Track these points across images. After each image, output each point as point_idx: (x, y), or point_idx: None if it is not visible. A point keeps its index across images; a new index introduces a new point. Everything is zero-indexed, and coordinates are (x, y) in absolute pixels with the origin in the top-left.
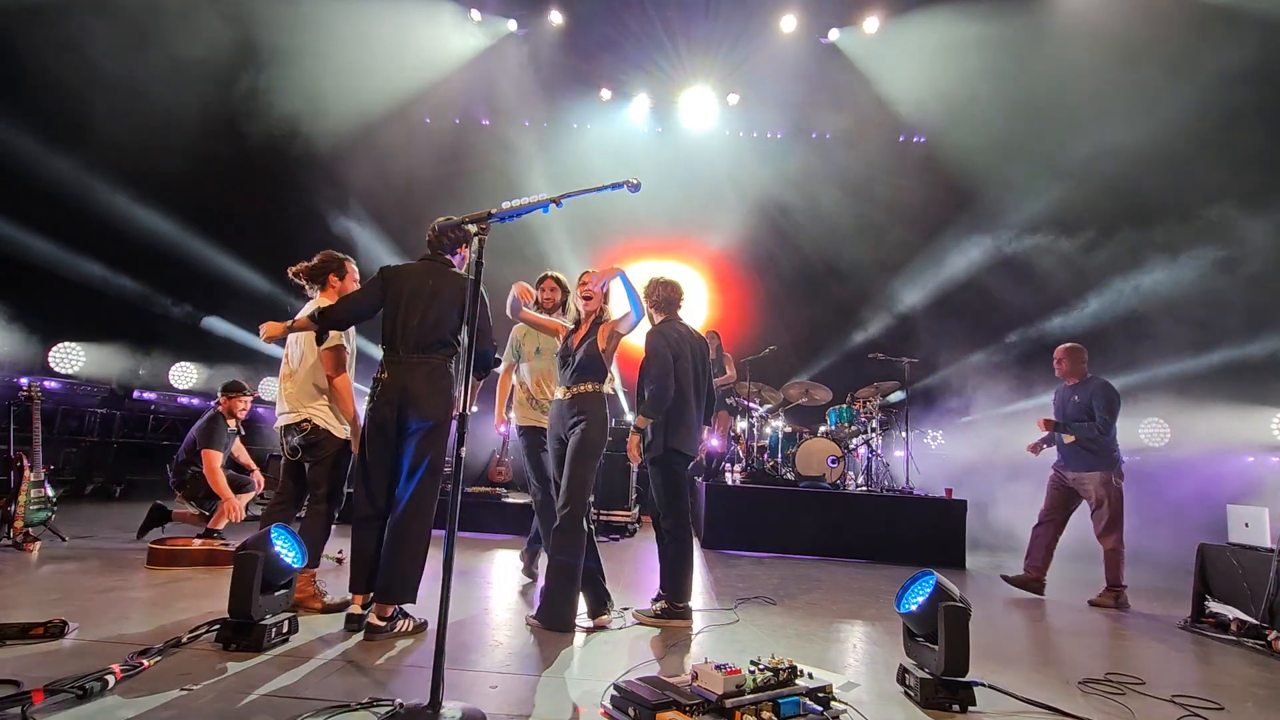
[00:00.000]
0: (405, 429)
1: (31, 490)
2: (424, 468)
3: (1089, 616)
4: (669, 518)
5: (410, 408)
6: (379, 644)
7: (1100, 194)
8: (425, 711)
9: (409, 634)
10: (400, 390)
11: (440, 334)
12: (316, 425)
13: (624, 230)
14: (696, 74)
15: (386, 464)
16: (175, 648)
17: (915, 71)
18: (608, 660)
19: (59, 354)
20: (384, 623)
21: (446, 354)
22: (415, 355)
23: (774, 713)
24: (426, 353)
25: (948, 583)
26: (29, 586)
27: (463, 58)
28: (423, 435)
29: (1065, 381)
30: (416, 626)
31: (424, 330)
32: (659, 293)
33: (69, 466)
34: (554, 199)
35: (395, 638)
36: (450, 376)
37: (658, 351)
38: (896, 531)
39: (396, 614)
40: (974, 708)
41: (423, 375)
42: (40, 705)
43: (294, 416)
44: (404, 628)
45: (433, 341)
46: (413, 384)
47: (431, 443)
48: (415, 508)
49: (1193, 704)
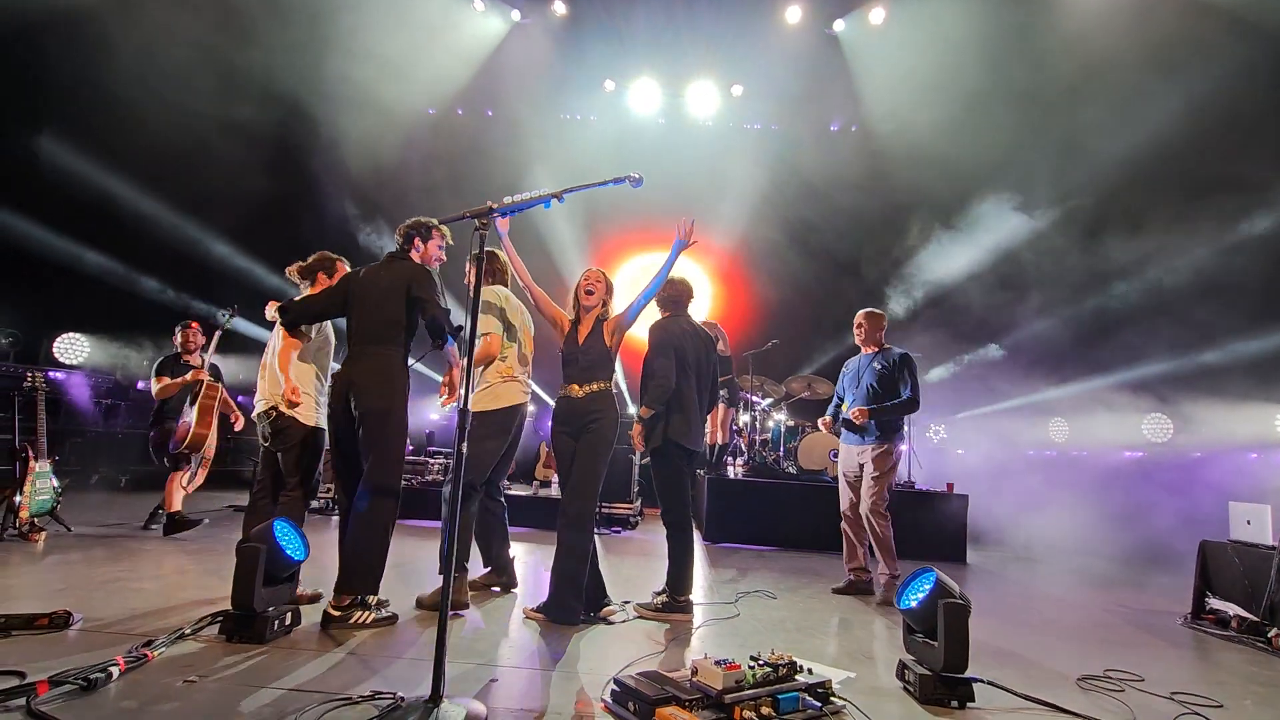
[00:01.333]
0: (353, 420)
1: (37, 480)
2: (372, 457)
3: (1088, 613)
4: (669, 511)
5: (355, 398)
6: (380, 637)
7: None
8: (426, 705)
9: (369, 626)
10: (347, 382)
11: (385, 323)
12: (282, 412)
13: (625, 223)
14: (700, 65)
15: (345, 454)
16: (179, 639)
17: (920, 61)
18: (608, 654)
19: (63, 344)
20: (339, 612)
21: (394, 345)
22: (363, 347)
23: (773, 708)
24: (374, 344)
25: (948, 579)
26: (34, 577)
27: (465, 47)
28: (367, 425)
29: (863, 349)
30: (380, 620)
31: (371, 322)
32: (666, 290)
33: (74, 457)
34: (555, 194)
35: (353, 629)
36: (399, 366)
37: (662, 345)
38: (897, 526)
39: (354, 604)
40: (973, 704)
41: (366, 366)
42: (45, 696)
43: (264, 405)
44: (362, 619)
45: (379, 333)
46: (357, 375)
47: (378, 432)
48: (366, 498)
49: (1192, 701)
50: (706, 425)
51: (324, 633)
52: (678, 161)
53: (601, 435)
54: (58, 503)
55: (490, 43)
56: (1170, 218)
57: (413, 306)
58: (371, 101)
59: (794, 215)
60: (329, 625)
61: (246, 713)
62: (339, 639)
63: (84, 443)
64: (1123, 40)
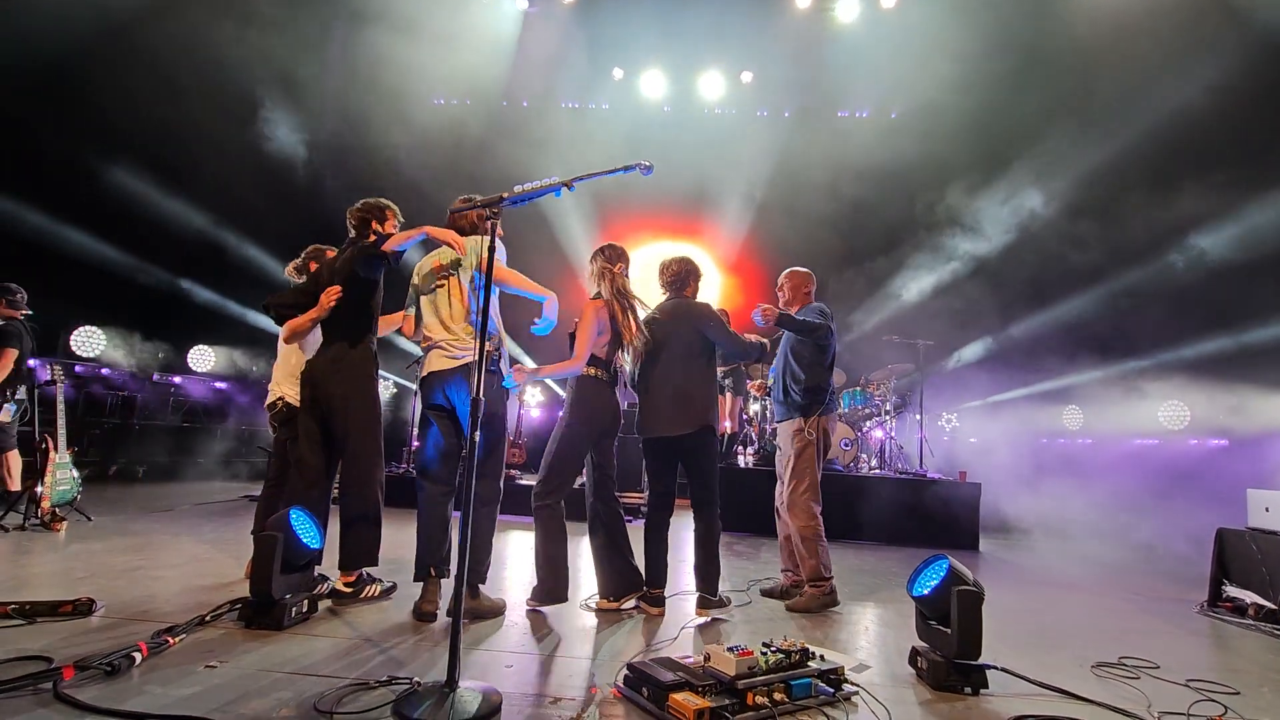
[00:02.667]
0: (320, 406)
1: (57, 471)
2: (349, 443)
3: (1103, 600)
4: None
5: (318, 386)
6: (399, 622)
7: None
8: (442, 690)
9: (378, 598)
10: (310, 370)
11: (341, 311)
12: (289, 403)
13: (635, 211)
14: (709, 52)
15: (316, 439)
16: (199, 625)
17: (932, 45)
18: (621, 641)
19: (80, 337)
20: (350, 589)
21: (355, 333)
22: (330, 334)
23: (786, 694)
24: (334, 331)
25: (961, 566)
26: (57, 565)
27: (473, 36)
28: (334, 412)
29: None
30: (385, 590)
31: (334, 311)
32: (671, 269)
33: (93, 448)
34: (566, 182)
35: (363, 602)
36: (362, 352)
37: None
38: (909, 514)
39: (362, 579)
40: (986, 691)
41: (328, 354)
42: (71, 680)
43: (271, 395)
44: (372, 592)
45: (338, 319)
46: (320, 364)
47: (345, 418)
48: (348, 482)
49: (1208, 688)
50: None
51: (341, 620)
52: (687, 149)
53: (562, 417)
54: (78, 493)
55: (499, 32)
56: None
57: (354, 286)
58: (379, 91)
59: (803, 203)
60: (341, 600)
61: (266, 697)
62: (356, 625)
63: (102, 435)
64: (1139, 16)
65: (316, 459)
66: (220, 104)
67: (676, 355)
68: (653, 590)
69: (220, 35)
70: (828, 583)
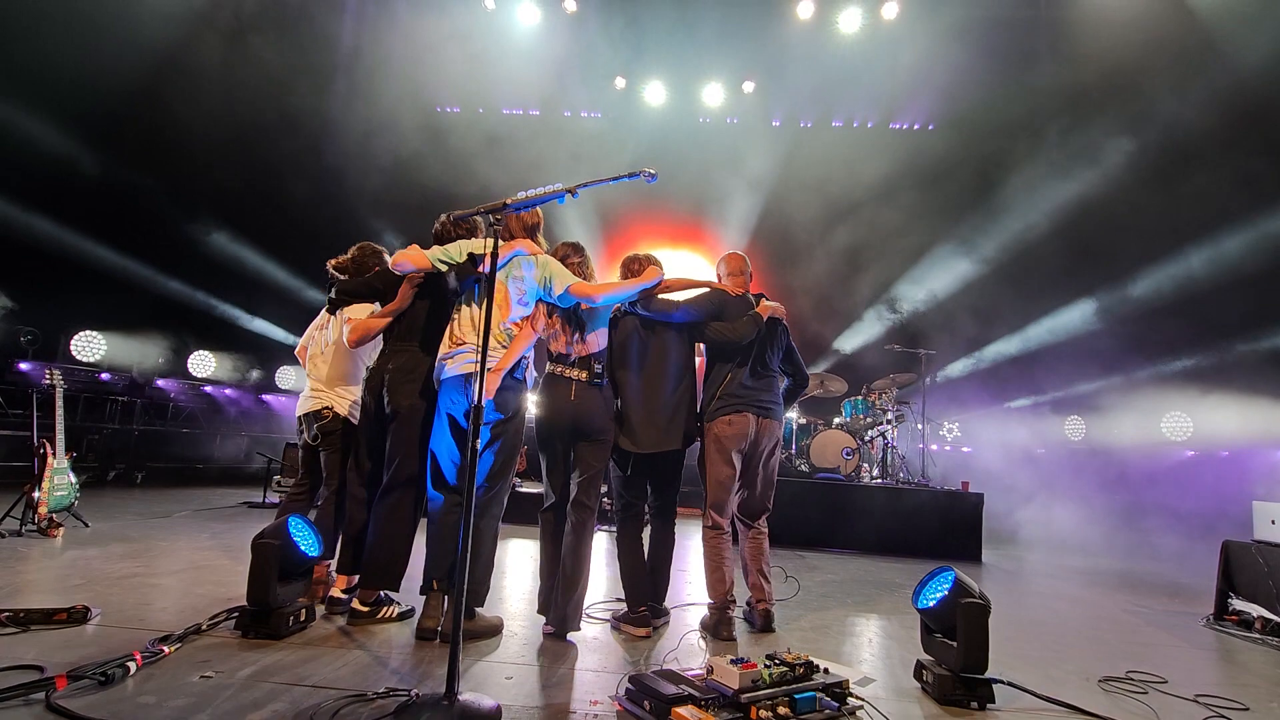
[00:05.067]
0: (384, 415)
1: (55, 476)
2: (400, 458)
3: (1109, 613)
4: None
5: (387, 394)
6: (397, 633)
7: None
8: (441, 702)
9: (393, 620)
10: (378, 378)
11: (417, 317)
12: (337, 413)
13: (637, 219)
14: (711, 61)
15: (377, 447)
16: (195, 634)
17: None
18: (623, 653)
19: (80, 342)
20: (366, 608)
21: (430, 343)
22: (401, 342)
23: (790, 708)
24: (408, 338)
25: (967, 579)
26: (53, 572)
27: (475, 44)
28: (400, 424)
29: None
30: (402, 613)
31: (406, 319)
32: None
33: (91, 453)
34: (569, 189)
35: (380, 623)
36: (426, 363)
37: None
38: (912, 524)
39: (381, 600)
40: (993, 705)
41: (400, 363)
42: (64, 690)
43: (315, 403)
44: (389, 614)
45: (413, 326)
46: (392, 373)
47: (408, 432)
48: (390, 499)
49: (1216, 704)
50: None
51: (339, 629)
52: (689, 157)
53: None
54: (76, 498)
55: (502, 40)
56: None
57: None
58: (382, 100)
59: (804, 212)
60: (356, 620)
61: (263, 708)
62: (355, 636)
63: (100, 440)
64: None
65: (375, 468)
66: (220, 106)
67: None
68: (639, 610)
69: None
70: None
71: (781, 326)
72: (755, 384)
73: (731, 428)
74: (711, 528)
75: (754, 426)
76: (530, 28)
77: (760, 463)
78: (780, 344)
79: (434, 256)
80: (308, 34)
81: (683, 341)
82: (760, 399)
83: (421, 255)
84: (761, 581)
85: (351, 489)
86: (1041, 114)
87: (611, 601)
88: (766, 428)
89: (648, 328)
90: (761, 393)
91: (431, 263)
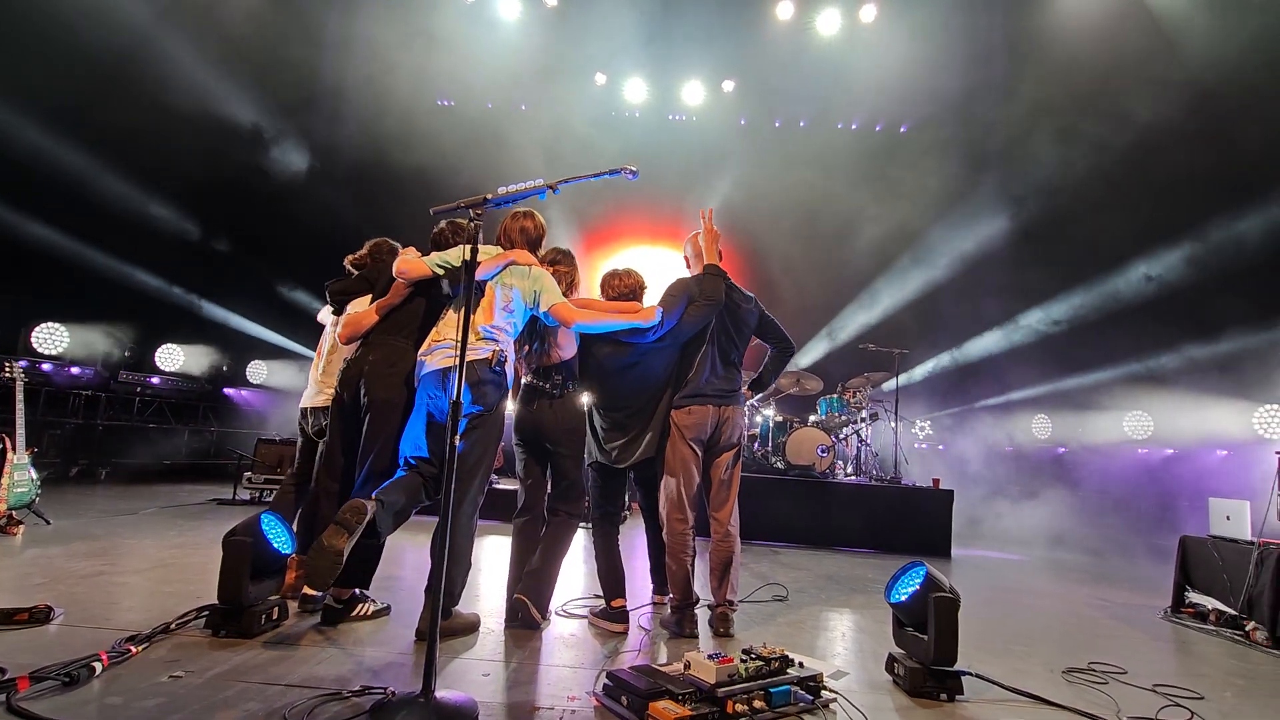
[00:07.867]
0: (360, 408)
1: (15, 473)
2: (374, 454)
3: (1074, 606)
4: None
5: (365, 385)
6: (371, 630)
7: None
8: (417, 700)
9: (369, 618)
10: (355, 370)
11: (406, 314)
12: None
13: (616, 215)
14: (691, 59)
15: (351, 441)
16: (164, 634)
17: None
18: (600, 648)
19: (43, 334)
20: (341, 605)
21: (415, 340)
22: (386, 336)
23: (765, 701)
24: (394, 332)
25: (938, 574)
26: (13, 571)
27: (454, 40)
28: (376, 419)
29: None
30: (378, 610)
31: (394, 315)
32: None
33: (53, 449)
34: (551, 185)
35: (354, 621)
36: (409, 357)
37: None
38: (885, 521)
39: (355, 597)
40: (962, 697)
41: (381, 356)
42: (26, 692)
43: (325, 398)
44: (363, 611)
45: (401, 321)
46: (371, 365)
47: (383, 426)
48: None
49: (1174, 693)
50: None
51: (313, 628)
52: (669, 155)
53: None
54: (37, 495)
55: (480, 36)
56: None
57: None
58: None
59: (784, 211)
60: (331, 619)
61: (234, 708)
62: (328, 634)
63: (63, 435)
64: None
65: (348, 461)
66: (206, 109)
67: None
68: (614, 604)
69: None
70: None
71: (748, 306)
72: (717, 379)
73: (691, 417)
74: (679, 519)
75: (713, 416)
76: (510, 22)
77: (723, 445)
78: (747, 326)
79: (432, 262)
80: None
81: (663, 350)
82: (720, 388)
83: (420, 263)
84: (724, 585)
85: (323, 483)
86: (1014, 118)
87: (589, 598)
88: (727, 415)
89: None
90: (723, 383)
91: (430, 269)
